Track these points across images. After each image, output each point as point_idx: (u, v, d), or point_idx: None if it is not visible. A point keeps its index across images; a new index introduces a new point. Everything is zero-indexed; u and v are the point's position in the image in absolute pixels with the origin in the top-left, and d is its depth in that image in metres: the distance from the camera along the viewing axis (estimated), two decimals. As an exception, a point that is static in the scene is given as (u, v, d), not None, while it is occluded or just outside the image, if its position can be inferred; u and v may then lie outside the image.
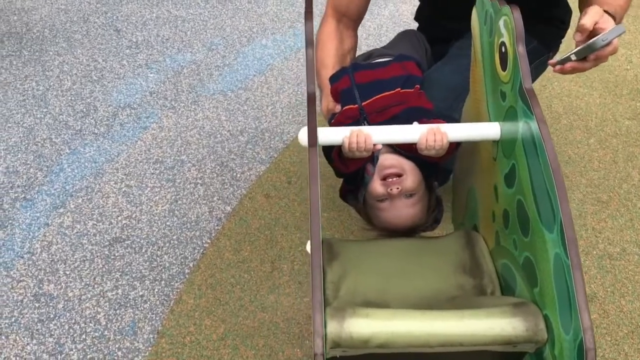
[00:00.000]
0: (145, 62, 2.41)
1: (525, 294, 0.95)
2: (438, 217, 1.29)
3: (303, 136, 0.98)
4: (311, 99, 0.93)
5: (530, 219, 0.92)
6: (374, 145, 1.08)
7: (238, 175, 1.92)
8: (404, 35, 1.60)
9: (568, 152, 2.04)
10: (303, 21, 1.66)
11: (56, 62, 2.41)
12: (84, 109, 2.18)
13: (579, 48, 1.20)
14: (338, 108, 1.33)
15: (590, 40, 1.18)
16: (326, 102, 1.43)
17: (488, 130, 1.06)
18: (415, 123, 1.12)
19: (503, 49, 1.03)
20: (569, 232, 0.79)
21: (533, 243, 0.91)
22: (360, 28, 1.69)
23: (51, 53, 2.46)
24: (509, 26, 1.00)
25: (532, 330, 0.86)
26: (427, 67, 1.50)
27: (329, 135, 1.07)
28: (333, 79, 1.39)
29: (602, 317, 1.55)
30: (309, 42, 0.97)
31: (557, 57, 1.25)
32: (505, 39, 1.02)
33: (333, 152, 1.16)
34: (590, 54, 1.19)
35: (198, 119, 2.14)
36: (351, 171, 1.18)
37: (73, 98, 2.23)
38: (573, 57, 1.21)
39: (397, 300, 1.07)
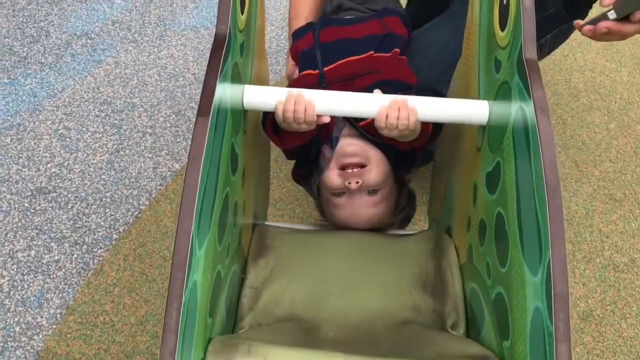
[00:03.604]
0: (114, -14, 2.11)
1: (492, 340, 0.70)
2: (409, 214, 1.03)
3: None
4: (218, 42, 0.66)
5: (510, 245, 0.65)
6: (318, 116, 0.80)
7: (195, 127, 1.65)
8: None
9: (583, 137, 1.75)
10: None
11: (13, -23, 2.12)
12: (35, 34, 1.90)
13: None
14: (297, 73, 1.05)
15: None
16: (289, 64, 1.15)
17: (472, 110, 0.79)
18: (376, 91, 0.84)
19: (505, 0, 0.74)
20: (559, 284, 0.53)
21: (509, 278, 0.65)
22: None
23: (9, -35, 2.16)
24: (515, -32, 0.71)
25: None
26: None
27: (257, 96, 0.79)
28: (296, 35, 1.09)
29: (596, 341, 1.30)
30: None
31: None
32: (510, -14, 0.73)
33: (267, 120, 0.89)
34: (637, 10, 0.90)
35: (161, 56, 1.86)
36: (288, 148, 0.91)
37: (25, 20, 1.95)
38: (611, 16, 0.92)
39: (331, 320, 0.83)
